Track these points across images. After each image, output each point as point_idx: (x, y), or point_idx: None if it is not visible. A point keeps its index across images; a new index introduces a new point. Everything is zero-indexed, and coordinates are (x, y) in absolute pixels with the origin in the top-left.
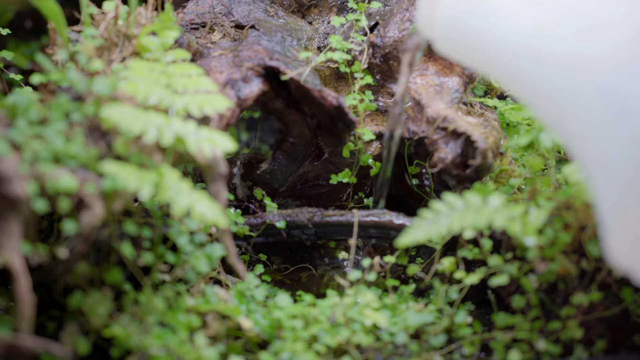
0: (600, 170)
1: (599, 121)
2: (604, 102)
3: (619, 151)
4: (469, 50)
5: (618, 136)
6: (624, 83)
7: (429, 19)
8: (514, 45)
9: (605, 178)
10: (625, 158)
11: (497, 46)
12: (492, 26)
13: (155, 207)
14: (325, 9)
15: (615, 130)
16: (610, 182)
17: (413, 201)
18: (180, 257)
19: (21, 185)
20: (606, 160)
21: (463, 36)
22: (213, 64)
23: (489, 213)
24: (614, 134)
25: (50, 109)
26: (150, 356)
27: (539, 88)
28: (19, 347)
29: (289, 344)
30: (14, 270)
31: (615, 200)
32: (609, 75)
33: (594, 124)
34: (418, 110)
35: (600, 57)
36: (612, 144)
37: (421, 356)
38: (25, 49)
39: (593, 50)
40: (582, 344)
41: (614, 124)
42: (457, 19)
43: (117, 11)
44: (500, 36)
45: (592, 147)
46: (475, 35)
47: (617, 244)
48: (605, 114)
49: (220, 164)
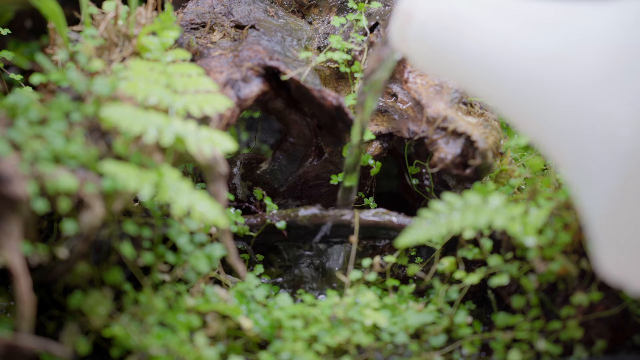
0: (584, 182)
1: (577, 135)
2: (580, 116)
3: (600, 165)
4: (444, 65)
5: (597, 151)
6: (601, 98)
7: (403, 34)
8: (491, 61)
9: (590, 190)
10: (607, 170)
11: (473, 61)
12: (465, 41)
13: (155, 207)
14: (325, 9)
15: (595, 145)
16: (596, 194)
17: (413, 201)
18: (180, 257)
19: (21, 185)
20: (589, 173)
21: (437, 51)
22: (213, 64)
23: (489, 213)
24: (593, 149)
25: (50, 109)
26: (150, 356)
27: (514, 100)
28: (19, 347)
29: (289, 343)
30: (14, 270)
31: (603, 213)
32: (586, 90)
33: (573, 138)
34: (418, 110)
35: (576, 71)
36: (593, 158)
37: (421, 356)
38: (25, 49)
39: (569, 65)
40: (582, 344)
41: (592, 139)
42: (430, 33)
43: (117, 11)
44: (476, 52)
45: (573, 160)
46: (450, 50)
47: (607, 257)
48: (583, 128)
49: (220, 164)
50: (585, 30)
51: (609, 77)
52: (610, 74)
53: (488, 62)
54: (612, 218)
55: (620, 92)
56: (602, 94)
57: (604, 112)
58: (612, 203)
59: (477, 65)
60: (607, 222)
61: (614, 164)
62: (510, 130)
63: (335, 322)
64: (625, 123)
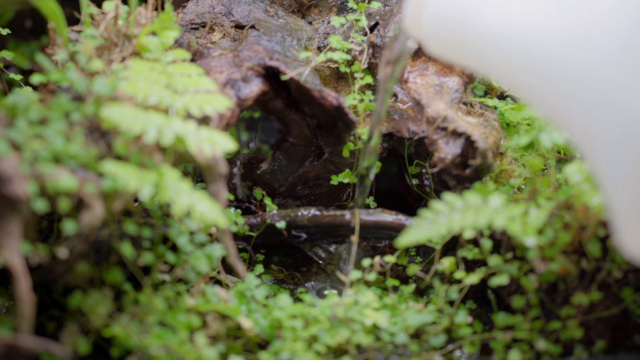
0: (601, 157)
1: (593, 107)
2: (599, 93)
3: (617, 137)
4: (459, 48)
5: (614, 122)
6: (615, 69)
7: (417, 19)
8: (506, 39)
9: (608, 165)
10: (625, 143)
11: (489, 41)
12: (482, 21)
13: (155, 207)
14: (325, 9)
15: (611, 117)
16: (613, 168)
17: (413, 201)
18: (180, 257)
19: (21, 185)
20: (605, 147)
21: (453, 33)
22: (213, 64)
23: (489, 213)
24: (609, 120)
25: (50, 109)
26: (150, 356)
27: (532, 80)
28: (19, 347)
29: (289, 343)
30: (14, 270)
31: (622, 187)
32: (602, 66)
33: (589, 110)
34: (418, 110)
35: (591, 42)
36: (609, 130)
37: (421, 356)
38: (25, 49)
39: (588, 42)
40: (582, 344)
41: (608, 111)
42: (446, 15)
43: (117, 11)
44: (492, 30)
45: (592, 137)
46: (465, 31)
47: (628, 233)
48: (598, 100)
49: (220, 164)
50: (599, 1)
51: (623, 47)
52: (624, 44)
53: (504, 41)
54: (632, 191)
55: (635, 62)
56: (617, 64)
57: (620, 83)
58: (632, 176)
59: (494, 46)
60: (628, 196)
61: (632, 136)
62: (511, 130)
63: (335, 322)
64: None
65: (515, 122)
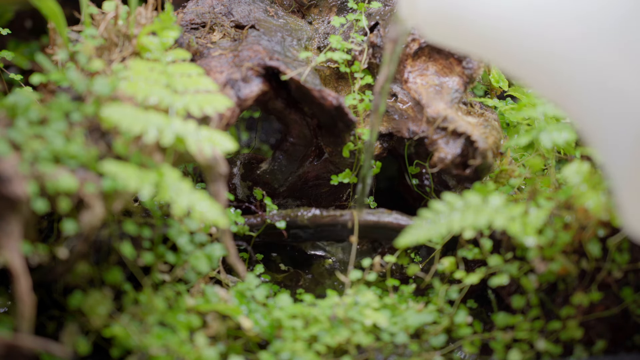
0: (604, 137)
1: (594, 88)
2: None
3: (619, 117)
4: (456, 32)
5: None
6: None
7: (412, 5)
8: (503, 20)
9: (611, 145)
10: (627, 122)
11: (485, 24)
12: (478, 3)
13: (155, 207)
14: (325, 9)
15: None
16: (617, 148)
17: (413, 201)
18: (180, 257)
19: (21, 185)
20: (608, 127)
21: (449, 17)
22: (213, 64)
23: (489, 213)
24: (610, 100)
25: (50, 109)
26: (150, 356)
27: (530, 60)
28: (19, 347)
29: (289, 343)
30: (14, 270)
31: (626, 166)
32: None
33: (592, 97)
34: (418, 110)
35: (590, 25)
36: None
37: (421, 356)
38: (25, 49)
39: (585, 24)
40: (582, 344)
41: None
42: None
43: (117, 11)
44: (488, 12)
45: (595, 117)
46: (461, 15)
47: (633, 213)
48: (602, 84)
49: (220, 164)
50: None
51: (623, 30)
52: (624, 27)
53: (501, 22)
54: (635, 171)
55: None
56: (617, 47)
57: (616, 59)
58: (635, 155)
59: (489, 26)
60: (631, 176)
61: (633, 115)
62: (511, 130)
63: (335, 322)
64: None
65: (515, 122)
